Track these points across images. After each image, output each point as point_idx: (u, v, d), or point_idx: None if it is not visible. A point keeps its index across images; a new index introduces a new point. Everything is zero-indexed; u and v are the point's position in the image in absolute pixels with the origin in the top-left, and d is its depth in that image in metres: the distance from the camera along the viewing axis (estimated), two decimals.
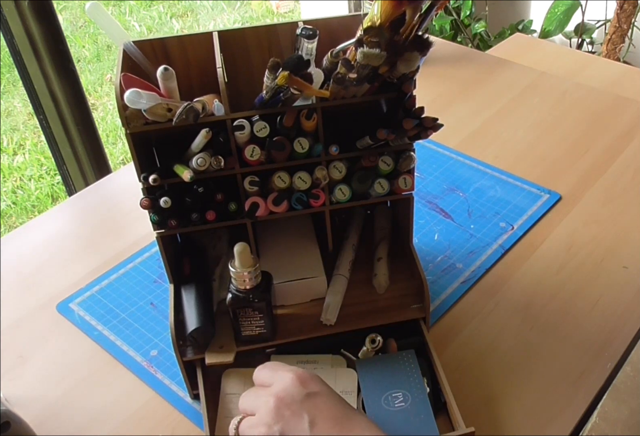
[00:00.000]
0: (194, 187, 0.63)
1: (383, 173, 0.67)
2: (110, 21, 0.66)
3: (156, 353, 0.77)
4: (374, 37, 0.56)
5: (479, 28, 2.07)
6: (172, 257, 0.73)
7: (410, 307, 0.73)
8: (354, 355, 0.72)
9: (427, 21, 0.58)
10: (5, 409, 0.60)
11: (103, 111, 2.60)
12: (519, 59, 1.30)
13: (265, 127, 0.62)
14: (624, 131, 1.07)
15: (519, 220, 0.92)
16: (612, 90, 1.18)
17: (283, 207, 0.66)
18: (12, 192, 2.25)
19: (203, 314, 0.68)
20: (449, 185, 0.99)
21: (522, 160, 1.03)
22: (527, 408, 0.69)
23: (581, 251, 0.87)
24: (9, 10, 1.15)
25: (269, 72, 0.60)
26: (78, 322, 0.81)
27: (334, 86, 0.61)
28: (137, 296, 0.84)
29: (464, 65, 1.27)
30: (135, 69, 0.67)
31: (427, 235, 0.90)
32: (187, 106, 0.58)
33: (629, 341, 0.75)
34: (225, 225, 0.68)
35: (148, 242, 0.92)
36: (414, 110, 0.63)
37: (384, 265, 0.76)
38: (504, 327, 0.78)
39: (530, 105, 1.15)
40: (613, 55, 2.01)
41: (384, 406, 0.66)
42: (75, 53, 2.87)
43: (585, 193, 0.96)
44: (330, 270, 0.75)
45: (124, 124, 0.61)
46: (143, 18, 3.15)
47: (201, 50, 0.71)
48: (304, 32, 0.64)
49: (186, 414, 0.71)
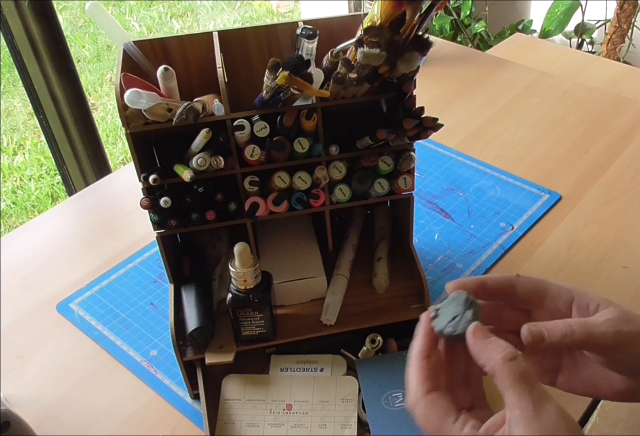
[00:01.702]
0: (194, 187, 0.63)
1: (383, 173, 0.67)
2: (110, 21, 0.66)
3: (156, 353, 0.77)
4: (374, 37, 0.56)
5: (479, 28, 2.07)
6: (172, 257, 0.73)
7: (410, 307, 0.73)
8: (354, 355, 0.72)
9: (427, 21, 0.58)
10: (5, 409, 0.60)
11: (103, 111, 2.60)
12: (519, 59, 1.30)
13: (265, 127, 0.62)
14: (624, 131, 1.07)
15: (519, 220, 0.92)
16: (612, 90, 1.18)
17: (283, 207, 0.66)
18: (12, 192, 2.25)
19: (203, 314, 0.68)
20: (449, 185, 0.99)
21: (522, 160, 1.03)
22: None
23: (581, 251, 0.87)
24: (9, 10, 1.15)
25: (269, 72, 0.60)
26: (78, 322, 0.81)
27: (334, 86, 0.61)
28: (137, 296, 0.84)
29: (464, 65, 1.27)
30: (135, 69, 0.67)
31: (427, 235, 0.90)
32: (187, 106, 0.58)
33: None
34: (225, 225, 0.68)
35: (148, 242, 0.92)
36: (414, 110, 0.63)
37: (384, 265, 0.76)
38: None
39: (530, 105, 1.15)
40: (613, 55, 2.01)
41: (384, 406, 0.66)
42: (75, 53, 2.87)
43: (585, 193, 0.96)
44: (330, 270, 0.75)
45: (124, 124, 0.61)
46: (143, 18, 3.15)
47: (201, 50, 0.71)
48: (304, 32, 0.64)
49: (186, 414, 0.71)
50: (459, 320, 0.44)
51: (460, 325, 0.44)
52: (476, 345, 0.42)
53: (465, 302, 0.45)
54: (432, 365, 0.43)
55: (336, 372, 0.71)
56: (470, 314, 0.44)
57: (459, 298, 0.45)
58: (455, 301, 0.45)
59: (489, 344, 0.41)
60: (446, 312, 0.45)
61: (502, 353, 0.40)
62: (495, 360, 0.40)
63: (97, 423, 0.71)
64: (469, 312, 0.44)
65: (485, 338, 0.42)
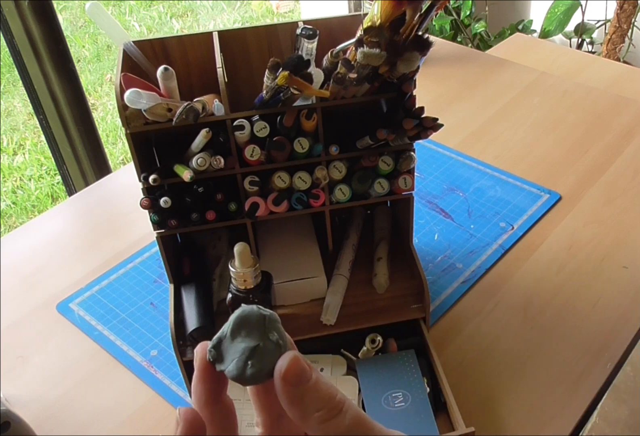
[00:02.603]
0: (194, 187, 0.63)
1: (383, 173, 0.67)
2: (110, 21, 0.66)
3: (156, 353, 0.77)
4: (374, 37, 0.56)
5: (479, 28, 2.07)
6: (172, 257, 0.73)
7: (410, 307, 0.73)
8: (354, 355, 0.72)
9: (427, 21, 0.58)
10: (5, 409, 0.60)
11: (103, 111, 2.60)
12: (519, 59, 1.30)
13: (265, 127, 0.62)
14: (624, 131, 1.07)
15: (519, 220, 0.92)
16: (612, 90, 1.18)
17: (283, 207, 0.66)
18: (12, 192, 2.25)
19: (203, 314, 0.68)
20: (449, 185, 0.99)
21: (522, 160, 1.03)
22: (527, 408, 0.69)
23: (581, 251, 0.87)
24: (9, 10, 1.15)
25: (269, 72, 0.60)
26: (78, 322, 0.81)
27: (334, 86, 0.61)
28: (137, 296, 0.84)
29: (464, 65, 1.27)
30: (135, 69, 0.67)
31: (427, 235, 0.90)
32: (187, 106, 0.58)
33: (629, 342, 0.75)
34: (225, 225, 0.68)
35: (148, 242, 0.92)
36: (414, 110, 0.63)
37: (384, 265, 0.76)
38: (504, 327, 0.78)
39: (530, 105, 1.15)
40: (613, 55, 2.01)
41: (384, 406, 0.66)
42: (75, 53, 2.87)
43: (585, 193, 0.96)
44: (330, 270, 0.75)
45: (124, 124, 0.61)
46: (143, 18, 3.15)
47: (201, 50, 0.71)
48: (304, 32, 0.64)
49: None
50: (250, 354, 0.30)
51: (255, 362, 0.29)
52: (293, 394, 0.29)
53: (258, 323, 0.30)
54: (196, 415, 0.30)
55: (336, 372, 0.71)
56: (272, 343, 0.30)
57: (248, 317, 0.31)
58: (242, 325, 0.30)
59: (306, 393, 0.29)
60: (232, 346, 0.30)
61: (319, 413, 0.29)
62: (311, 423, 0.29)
63: (97, 423, 0.71)
64: (269, 341, 0.30)
65: (302, 384, 0.29)
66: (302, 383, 0.28)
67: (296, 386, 0.28)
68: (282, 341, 0.30)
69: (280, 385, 0.28)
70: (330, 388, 0.30)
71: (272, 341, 0.30)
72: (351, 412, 0.30)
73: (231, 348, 0.30)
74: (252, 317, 0.31)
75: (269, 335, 0.30)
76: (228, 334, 0.30)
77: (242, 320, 0.30)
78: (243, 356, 0.30)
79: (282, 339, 0.30)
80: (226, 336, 0.31)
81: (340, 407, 0.29)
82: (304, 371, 0.29)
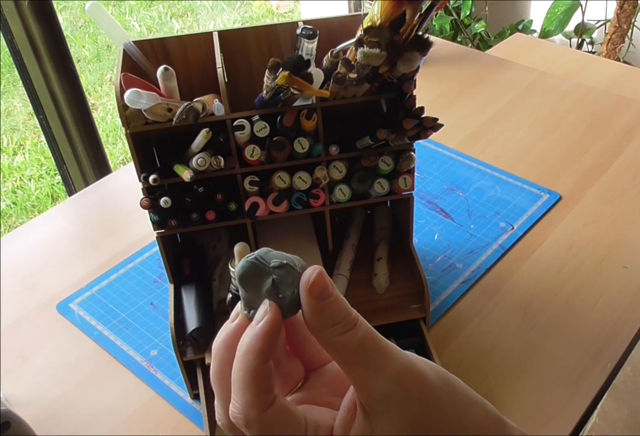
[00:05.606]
0: (194, 187, 0.63)
1: (383, 173, 0.67)
2: (110, 21, 0.66)
3: (156, 353, 0.77)
4: (374, 37, 0.56)
5: (479, 28, 2.07)
6: (172, 257, 0.73)
7: (410, 307, 0.73)
8: None
9: (427, 21, 0.58)
10: (5, 409, 0.60)
11: (103, 111, 2.60)
12: (519, 59, 1.30)
13: (265, 127, 0.62)
14: (624, 131, 1.07)
15: (519, 220, 0.92)
16: (612, 90, 1.18)
17: (283, 207, 0.66)
18: (12, 192, 2.25)
19: (203, 314, 0.68)
20: (449, 185, 0.99)
21: (522, 160, 1.03)
22: (527, 408, 0.69)
23: (581, 251, 0.87)
24: (9, 10, 1.15)
25: (269, 72, 0.60)
26: (78, 322, 0.81)
27: (334, 86, 0.61)
28: (137, 296, 0.84)
29: (464, 65, 1.27)
30: (135, 69, 0.67)
31: (427, 235, 0.90)
32: (187, 106, 0.58)
33: (629, 341, 0.75)
34: (225, 225, 0.68)
35: (148, 242, 0.92)
36: (414, 110, 0.63)
37: (384, 265, 0.76)
38: (504, 327, 0.78)
39: (530, 105, 1.15)
40: (613, 55, 2.01)
41: None
42: (75, 53, 2.87)
43: (585, 193, 0.96)
44: (330, 270, 0.75)
45: (124, 124, 0.61)
46: (143, 18, 3.15)
47: (201, 50, 0.71)
48: (304, 32, 0.64)
49: (186, 414, 0.71)
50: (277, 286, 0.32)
51: (286, 291, 0.32)
52: (314, 307, 0.31)
53: (257, 268, 0.32)
54: (268, 370, 0.31)
55: None
56: (280, 270, 0.32)
57: (245, 272, 0.32)
58: (248, 279, 0.32)
59: (325, 308, 0.31)
60: (256, 297, 0.32)
61: (336, 326, 0.31)
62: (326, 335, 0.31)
63: (97, 423, 0.71)
64: (277, 270, 0.32)
65: (324, 299, 0.31)
66: (324, 298, 0.31)
67: (319, 300, 0.31)
68: (286, 260, 0.32)
69: (304, 295, 0.31)
70: (347, 306, 0.32)
71: (278, 268, 0.32)
72: (364, 327, 0.33)
73: (257, 300, 0.32)
74: (248, 269, 0.32)
75: (272, 268, 0.32)
76: (245, 294, 0.32)
77: (243, 277, 0.32)
78: (272, 297, 0.32)
79: (285, 259, 0.32)
80: (246, 296, 0.32)
81: (355, 322, 0.32)
82: (327, 287, 0.31)
